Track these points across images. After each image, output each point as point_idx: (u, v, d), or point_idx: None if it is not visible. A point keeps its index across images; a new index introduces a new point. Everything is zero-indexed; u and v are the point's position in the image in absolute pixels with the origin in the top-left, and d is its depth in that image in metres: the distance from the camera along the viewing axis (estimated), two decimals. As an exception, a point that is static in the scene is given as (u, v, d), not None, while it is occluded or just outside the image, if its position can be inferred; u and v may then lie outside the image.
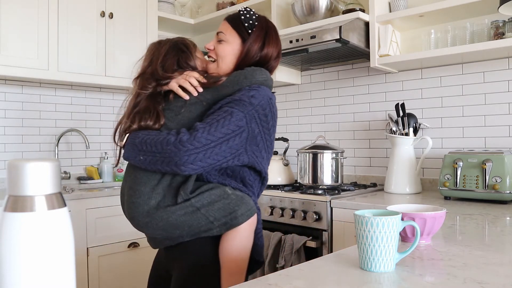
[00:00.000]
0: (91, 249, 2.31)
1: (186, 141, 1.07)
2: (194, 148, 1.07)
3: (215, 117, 1.12)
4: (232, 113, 1.12)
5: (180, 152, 1.07)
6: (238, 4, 2.91)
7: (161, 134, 1.13)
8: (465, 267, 0.85)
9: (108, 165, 2.95)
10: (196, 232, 1.17)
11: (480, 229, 1.26)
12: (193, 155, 1.07)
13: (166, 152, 1.09)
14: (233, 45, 1.29)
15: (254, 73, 1.22)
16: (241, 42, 1.29)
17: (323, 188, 2.18)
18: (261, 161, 1.23)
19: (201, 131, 1.09)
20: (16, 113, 2.66)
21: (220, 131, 1.10)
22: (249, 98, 1.15)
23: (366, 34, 2.25)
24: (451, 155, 1.92)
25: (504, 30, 1.92)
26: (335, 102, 2.72)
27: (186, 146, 1.07)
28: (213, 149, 1.09)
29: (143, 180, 1.18)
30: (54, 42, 2.48)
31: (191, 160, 1.07)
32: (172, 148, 1.08)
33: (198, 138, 1.08)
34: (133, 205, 1.18)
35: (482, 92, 2.15)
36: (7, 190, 0.54)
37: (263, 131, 1.19)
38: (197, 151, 1.07)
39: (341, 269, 0.85)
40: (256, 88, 1.19)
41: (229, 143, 1.11)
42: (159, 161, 1.11)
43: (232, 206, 1.16)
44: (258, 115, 1.17)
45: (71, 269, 0.56)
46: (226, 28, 1.31)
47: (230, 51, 1.29)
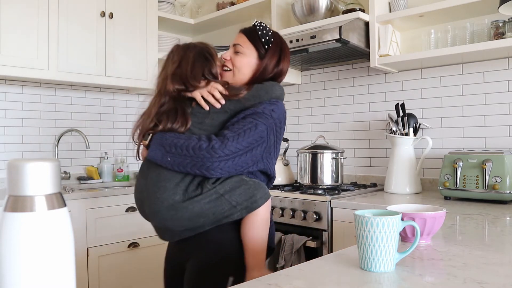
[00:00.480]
0: (91, 249, 2.31)
1: (218, 148, 1.18)
2: (225, 155, 1.19)
3: (241, 127, 1.23)
4: (256, 125, 1.24)
5: (213, 158, 1.18)
6: (238, 4, 2.91)
7: (192, 139, 1.22)
8: (465, 267, 0.85)
9: (108, 165, 2.96)
10: (219, 218, 1.24)
11: (480, 229, 1.26)
12: (223, 161, 1.19)
13: (199, 157, 1.19)
14: (249, 58, 1.38)
15: (273, 88, 1.34)
16: (257, 56, 1.38)
17: (323, 188, 2.18)
18: (272, 166, 1.35)
19: (231, 140, 1.20)
20: (16, 113, 2.66)
21: (247, 141, 1.22)
22: (270, 112, 1.28)
23: (366, 34, 2.25)
24: (451, 155, 1.92)
25: (504, 30, 1.92)
26: (335, 102, 2.72)
27: (218, 153, 1.18)
28: (240, 157, 1.21)
29: (168, 176, 1.24)
30: (54, 42, 2.48)
31: (221, 166, 1.19)
32: (205, 153, 1.18)
33: (229, 146, 1.19)
34: (159, 200, 1.23)
35: (482, 92, 2.15)
36: (7, 190, 0.54)
37: (276, 140, 1.32)
38: (227, 158, 1.19)
39: (341, 269, 0.85)
40: (275, 103, 1.31)
41: (252, 152, 1.24)
42: (190, 164, 1.20)
43: (251, 190, 1.25)
44: (275, 127, 1.29)
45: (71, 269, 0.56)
46: (244, 41, 1.40)
47: (247, 63, 1.38)
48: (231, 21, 3.17)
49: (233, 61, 1.39)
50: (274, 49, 1.38)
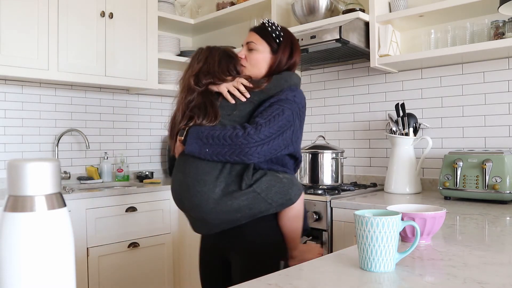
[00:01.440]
0: (91, 249, 2.31)
1: (254, 134, 1.27)
2: (260, 140, 1.28)
3: (270, 113, 1.32)
4: (283, 110, 1.33)
5: (250, 144, 1.27)
6: (238, 4, 2.91)
7: (227, 129, 1.31)
8: (465, 267, 0.85)
9: (108, 165, 2.96)
10: (255, 213, 1.33)
11: (480, 229, 1.26)
12: (259, 146, 1.28)
13: (237, 144, 1.27)
14: (264, 53, 1.47)
15: (291, 76, 1.45)
16: (270, 51, 1.47)
17: (323, 188, 2.18)
18: (299, 149, 1.45)
19: (264, 126, 1.29)
20: (16, 113, 2.66)
21: (277, 125, 1.31)
22: (293, 97, 1.37)
23: (366, 34, 2.25)
24: (451, 155, 1.92)
25: (504, 30, 1.92)
26: (335, 102, 2.72)
27: (254, 138, 1.27)
28: (274, 141, 1.30)
29: (206, 170, 1.33)
30: (54, 42, 2.48)
31: (258, 150, 1.28)
32: (243, 140, 1.27)
33: (263, 131, 1.28)
34: (199, 193, 1.31)
35: (482, 92, 2.15)
36: (7, 190, 0.54)
37: (301, 123, 1.42)
38: (262, 143, 1.28)
39: (341, 269, 0.85)
40: (295, 90, 1.41)
41: (283, 135, 1.33)
42: (228, 152, 1.28)
43: (286, 188, 1.35)
44: (299, 112, 1.39)
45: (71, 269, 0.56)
46: (256, 38, 1.48)
47: (262, 59, 1.47)
48: (231, 21, 3.17)
49: (248, 58, 1.48)
50: (286, 43, 1.47)
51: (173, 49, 3.17)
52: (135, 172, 3.14)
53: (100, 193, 2.38)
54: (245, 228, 1.37)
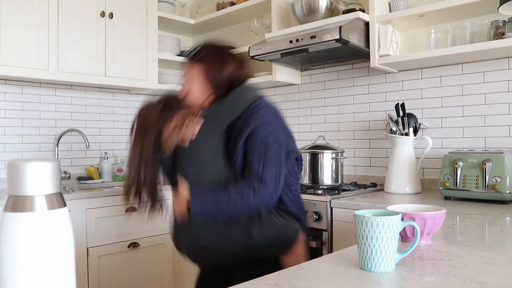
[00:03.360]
0: (91, 249, 2.31)
1: (262, 189, 1.26)
2: (271, 189, 1.28)
3: (258, 153, 1.29)
4: (267, 138, 1.30)
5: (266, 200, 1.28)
6: (238, 4, 2.91)
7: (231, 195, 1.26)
8: (465, 267, 0.85)
9: (108, 165, 2.96)
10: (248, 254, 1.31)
11: (480, 229, 1.26)
12: (274, 194, 1.30)
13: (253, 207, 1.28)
14: (194, 78, 1.42)
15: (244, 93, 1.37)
16: (200, 72, 1.41)
17: (323, 188, 2.18)
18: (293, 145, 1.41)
19: (264, 173, 1.27)
20: (16, 113, 2.66)
21: (273, 161, 1.29)
22: (262, 118, 1.32)
23: (366, 34, 2.25)
24: (451, 155, 1.92)
25: (504, 30, 1.92)
26: (335, 102, 2.72)
27: (265, 195, 1.27)
28: (279, 178, 1.30)
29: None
30: (54, 42, 2.48)
31: (274, 198, 1.31)
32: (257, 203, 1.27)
33: (268, 181, 1.27)
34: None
35: (482, 92, 2.15)
36: (7, 190, 0.54)
37: (284, 131, 1.37)
38: (274, 190, 1.29)
39: (341, 269, 0.85)
40: (257, 106, 1.33)
41: (281, 164, 1.31)
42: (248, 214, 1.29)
43: (281, 234, 1.32)
44: (277, 124, 1.35)
45: (71, 269, 0.56)
46: (184, 70, 1.47)
47: (195, 83, 1.42)
48: (231, 21, 3.17)
49: (188, 92, 1.43)
50: (209, 55, 1.42)
51: (173, 49, 3.17)
52: (135, 172, 3.14)
53: (100, 193, 2.38)
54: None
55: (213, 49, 1.45)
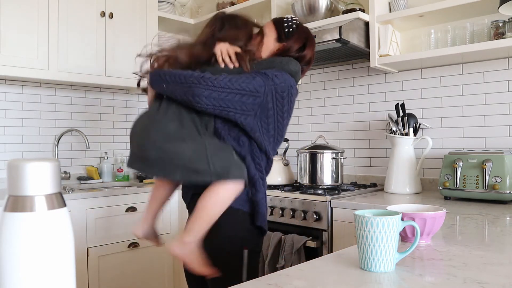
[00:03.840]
0: (91, 249, 2.31)
1: (208, 79, 1.25)
2: (212, 85, 1.25)
3: (240, 75, 1.31)
4: (254, 78, 1.31)
5: (200, 84, 1.25)
6: (238, 4, 2.91)
7: (187, 71, 1.31)
8: (465, 267, 0.85)
9: (108, 165, 2.95)
10: (191, 170, 1.25)
11: (480, 229, 1.26)
12: (208, 90, 1.25)
13: (188, 83, 1.26)
14: (268, 37, 1.48)
15: (289, 62, 1.41)
16: (276, 37, 1.47)
17: (323, 188, 2.18)
18: (267, 137, 1.36)
19: (223, 77, 1.27)
20: (16, 113, 2.66)
21: (239, 84, 1.27)
22: (272, 75, 1.34)
23: (366, 34, 2.25)
24: (451, 155, 1.92)
25: (504, 30, 1.92)
26: (335, 102, 2.72)
27: (206, 82, 1.25)
28: (227, 95, 1.26)
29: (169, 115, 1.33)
30: (54, 42, 2.48)
31: (206, 94, 1.25)
32: (194, 80, 1.26)
33: (218, 80, 1.26)
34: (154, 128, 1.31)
35: (482, 92, 2.15)
36: (7, 190, 0.54)
37: (276, 110, 1.35)
38: (213, 89, 1.25)
39: (341, 269, 0.85)
40: (281, 72, 1.37)
41: (242, 98, 1.28)
42: (181, 90, 1.28)
43: (230, 163, 1.27)
44: (275, 93, 1.33)
45: (71, 269, 0.56)
46: (269, 24, 1.52)
47: (264, 42, 1.48)
48: (231, 21, 3.17)
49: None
50: (298, 35, 1.48)
51: (173, 49, 3.17)
52: (135, 172, 3.14)
53: (100, 193, 2.38)
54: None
55: (304, 32, 1.51)
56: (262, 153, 1.38)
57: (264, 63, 1.40)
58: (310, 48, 1.51)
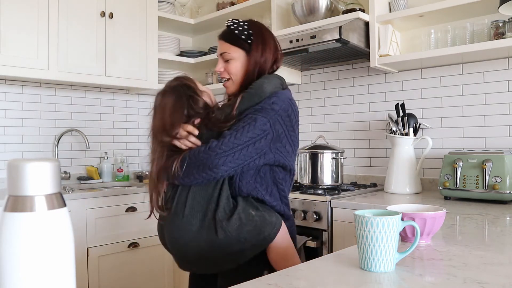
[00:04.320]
0: (91, 249, 2.31)
1: (215, 147, 1.22)
2: (222, 151, 1.22)
3: (241, 124, 1.26)
4: (256, 120, 1.26)
5: (211, 157, 1.22)
6: (238, 4, 2.91)
7: (191, 150, 1.28)
8: (465, 267, 0.85)
9: (108, 165, 2.96)
10: (228, 254, 1.26)
11: (480, 229, 1.26)
12: (222, 157, 1.22)
13: (199, 160, 1.23)
14: (240, 60, 1.39)
15: (263, 86, 1.32)
16: (245, 54, 1.39)
17: (323, 188, 2.18)
18: (286, 155, 1.34)
19: (228, 137, 1.23)
20: (16, 113, 2.66)
21: (246, 136, 1.24)
22: (270, 105, 1.28)
23: (366, 34, 2.25)
24: (451, 155, 1.92)
25: (504, 30, 1.92)
26: (335, 102, 2.72)
27: (215, 151, 1.22)
28: (241, 151, 1.23)
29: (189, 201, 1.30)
30: (54, 42, 2.48)
31: (221, 162, 1.22)
32: (204, 155, 1.23)
33: (226, 143, 1.22)
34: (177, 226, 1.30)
35: (482, 92, 2.15)
36: (7, 190, 0.54)
37: (287, 129, 1.32)
38: (226, 154, 1.22)
39: (341, 269, 0.85)
40: (274, 95, 1.31)
41: (255, 145, 1.25)
42: (195, 169, 1.24)
43: (258, 228, 1.26)
44: (281, 118, 1.29)
45: (71, 269, 0.56)
46: (227, 47, 1.40)
47: (240, 67, 1.40)
48: (231, 21, 3.17)
49: (228, 70, 1.41)
50: (256, 40, 1.39)
51: (173, 49, 3.17)
52: (135, 172, 3.14)
53: (100, 193, 2.38)
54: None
55: (259, 31, 1.41)
56: (286, 172, 1.38)
57: (250, 96, 1.31)
58: (268, 46, 1.40)
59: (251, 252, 1.27)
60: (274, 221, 1.29)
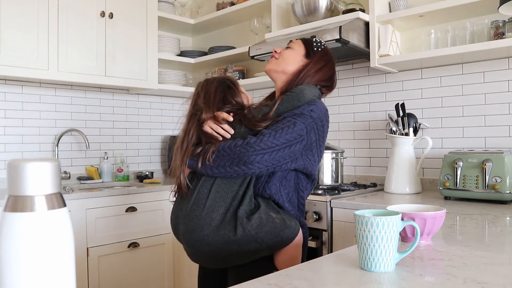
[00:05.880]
0: (91, 249, 2.31)
1: (254, 143, 1.25)
2: (260, 149, 1.24)
3: (280, 125, 1.29)
4: (295, 123, 1.29)
5: (248, 152, 1.24)
6: (238, 4, 2.91)
7: (227, 141, 1.30)
8: (465, 267, 0.85)
9: (108, 165, 2.95)
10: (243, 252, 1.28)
11: (480, 229, 1.26)
12: (259, 155, 1.24)
13: (235, 153, 1.25)
14: (296, 52, 1.48)
15: (304, 92, 1.37)
16: (304, 54, 1.48)
17: (323, 188, 2.18)
18: (313, 164, 1.38)
19: (268, 136, 1.26)
20: (16, 113, 2.66)
21: (284, 137, 1.27)
22: (309, 112, 1.33)
23: (366, 34, 2.25)
24: (451, 155, 1.92)
25: (504, 30, 1.92)
26: (335, 102, 2.72)
27: (254, 147, 1.24)
28: (277, 152, 1.26)
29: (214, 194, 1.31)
30: (54, 42, 2.48)
31: (258, 159, 1.24)
32: (241, 149, 1.25)
33: (265, 141, 1.25)
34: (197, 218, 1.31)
35: (482, 92, 2.15)
36: (7, 190, 0.54)
37: (318, 139, 1.36)
38: (263, 152, 1.24)
39: (341, 269, 0.85)
40: (314, 103, 1.36)
41: (290, 148, 1.28)
42: (228, 162, 1.26)
43: (277, 230, 1.28)
44: (316, 126, 1.34)
45: (71, 269, 0.56)
46: (297, 41, 1.52)
47: (293, 57, 1.47)
48: (231, 21, 3.17)
49: (282, 53, 1.50)
50: (321, 56, 1.48)
51: (173, 49, 3.17)
52: (135, 172, 3.14)
53: (100, 193, 2.38)
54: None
55: (328, 55, 1.51)
56: (308, 180, 1.41)
57: (284, 109, 1.35)
58: (327, 69, 1.49)
59: (265, 252, 1.30)
60: (293, 226, 1.33)
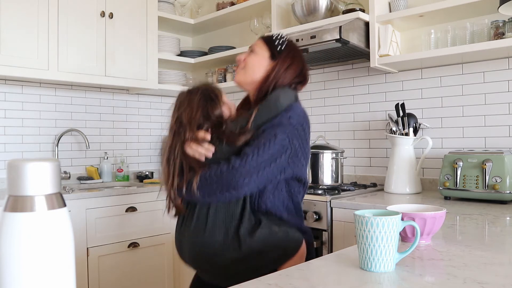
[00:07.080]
0: (91, 249, 2.31)
1: (239, 166, 1.20)
2: (247, 171, 1.20)
3: (262, 140, 1.24)
4: (275, 135, 1.25)
5: (235, 177, 1.20)
6: (238, 4, 2.91)
7: (212, 167, 1.24)
8: (465, 267, 0.85)
9: (108, 165, 2.96)
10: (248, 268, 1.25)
11: (480, 229, 1.26)
12: (247, 177, 1.20)
13: (223, 179, 1.21)
14: (261, 57, 1.42)
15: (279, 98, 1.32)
16: (269, 56, 1.41)
17: (323, 188, 2.18)
18: (301, 168, 1.35)
19: (251, 156, 1.21)
20: (16, 113, 2.66)
21: (268, 153, 1.22)
22: (288, 120, 1.28)
23: (366, 34, 2.25)
24: (451, 155, 1.92)
25: (504, 30, 1.92)
26: (335, 102, 2.72)
27: (239, 171, 1.20)
28: (264, 169, 1.22)
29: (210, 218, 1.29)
30: (54, 42, 2.48)
31: (246, 181, 1.20)
32: (227, 175, 1.20)
33: (249, 162, 1.20)
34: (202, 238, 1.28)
35: (482, 92, 2.15)
36: (7, 190, 0.54)
37: (302, 143, 1.32)
38: (250, 173, 1.20)
39: (341, 269, 0.85)
40: (291, 109, 1.31)
41: (276, 161, 1.24)
42: (218, 189, 1.22)
43: (281, 244, 1.26)
44: (297, 132, 1.30)
45: (71, 269, 0.56)
46: (259, 43, 1.46)
47: (257, 62, 1.41)
48: (231, 21, 3.17)
49: (246, 60, 1.44)
50: (287, 54, 1.42)
51: (173, 49, 3.17)
52: (135, 172, 3.14)
53: (100, 193, 2.38)
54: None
55: (293, 49, 1.44)
56: (300, 184, 1.38)
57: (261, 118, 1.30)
58: (295, 65, 1.43)
59: (273, 266, 1.27)
60: (297, 237, 1.31)
